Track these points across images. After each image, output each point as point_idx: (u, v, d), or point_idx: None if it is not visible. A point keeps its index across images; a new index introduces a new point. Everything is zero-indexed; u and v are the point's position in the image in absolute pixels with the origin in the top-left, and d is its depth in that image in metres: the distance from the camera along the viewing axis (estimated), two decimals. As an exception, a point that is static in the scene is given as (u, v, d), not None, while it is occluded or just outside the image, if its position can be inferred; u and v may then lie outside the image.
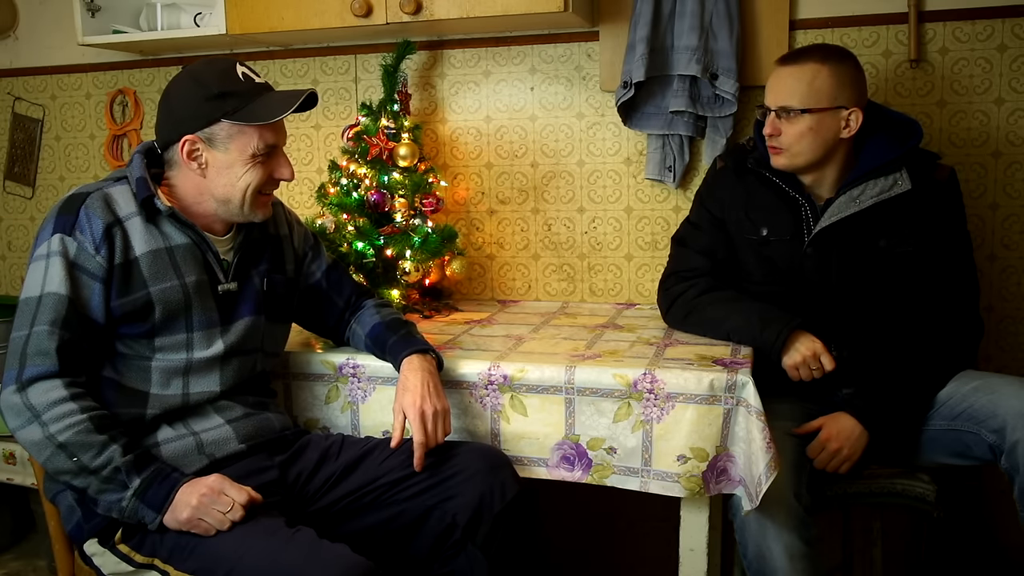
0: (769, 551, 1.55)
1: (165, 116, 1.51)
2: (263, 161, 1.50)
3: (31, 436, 1.33)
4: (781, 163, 1.79)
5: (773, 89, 1.77)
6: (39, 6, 2.78)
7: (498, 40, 2.37)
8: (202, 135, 1.46)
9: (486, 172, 2.43)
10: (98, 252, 1.40)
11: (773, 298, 1.82)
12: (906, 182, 1.75)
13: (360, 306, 1.78)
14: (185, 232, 1.50)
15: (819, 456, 1.72)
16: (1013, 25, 2.05)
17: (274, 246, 1.66)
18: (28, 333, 1.36)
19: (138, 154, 1.51)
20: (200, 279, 1.50)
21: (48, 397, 1.33)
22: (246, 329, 1.57)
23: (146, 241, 1.45)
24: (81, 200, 1.42)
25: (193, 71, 1.50)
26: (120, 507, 1.35)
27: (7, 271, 2.96)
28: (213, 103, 1.45)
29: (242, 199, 1.50)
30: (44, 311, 1.37)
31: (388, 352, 1.66)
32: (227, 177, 1.48)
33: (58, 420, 1.32)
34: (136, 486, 1.34)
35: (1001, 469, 1.63)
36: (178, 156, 1.48)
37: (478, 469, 1.54)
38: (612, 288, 2.39)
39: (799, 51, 1.79)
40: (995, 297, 2.14)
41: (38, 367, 1.35)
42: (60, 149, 2.83)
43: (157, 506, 1.35)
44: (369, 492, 1.56)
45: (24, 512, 2.74)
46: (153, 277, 1.44)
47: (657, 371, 1.60)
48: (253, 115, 1.45)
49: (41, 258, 1.40)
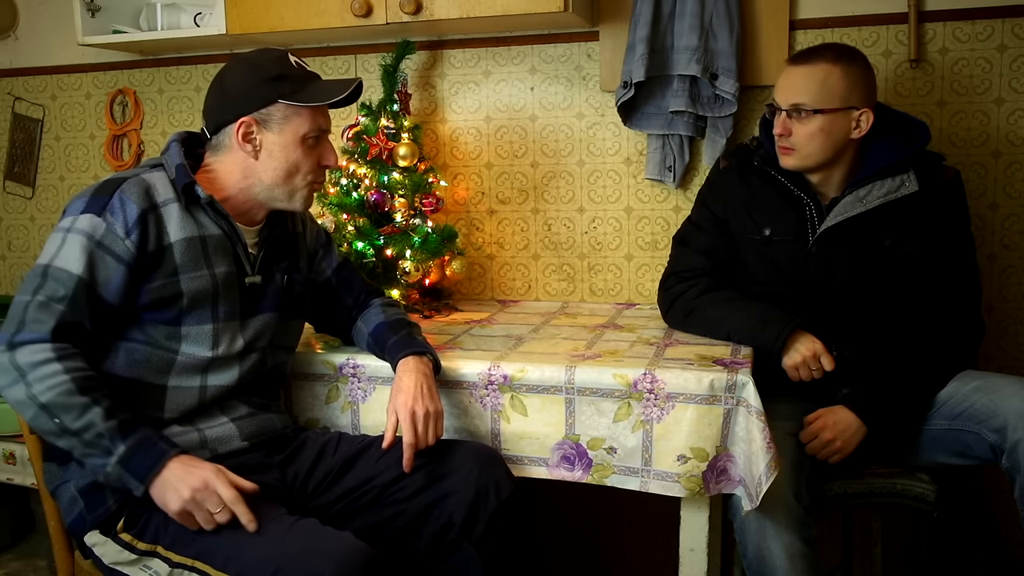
0: (769, 551, 1.55)
1: (219, 99, 1.52)
2: (312, 145, 1.53)
3: (16, 395, 1.33)
4: (791, 163, 1.78)
5: (784, 88, 1.76)
6: (39, 6, 2.78)
7: (498, 40, 2.37)
8: (258, 116, 1.49)
9: (486, 172, 2.43)
10: (128, 236, 1.40)
11: (774, 298, 1.82)
12: (913, 184, 1.75)
13: (367, 304, 1.79)
14: (218, 222, 1.51)
15: (811, 444, 1.73)
16: (1013, 25, 2.05)
17: (292, 244, 1.67)
18: (30, 300, 1.36)
19: (175, 142, 1.53)
20: (229, 270, 1.52)
21: (34, 358, 1.32)
22: (263, 325, 1.58)
23: (181, 228, 1.45)
24: (117, 184, 1.43)
25: (247, 57, 1.54)
26: (105, 472, 1.34)
27: (7, 271, 2.96)
28: (270, 85, 1.48)
29: (291, 184, 1.53)
30: (51, 284, 1.36)
31: (387, 352, 1.66)
32: (278, 160, 1.51)
33: (41, 380, 1.31)
34: (120, 453, 1.32)
35: (1002, 469, 1.63)
36: (231, 139, 1.50)
37: (473, 468, 1.55)
38: (612, 288, 2.39)
39: (811, 50, 1.78)
40: (995, 297, 2.14)
41: (31, 333, 1.34)
42: (60, 149, 2.83)
43: (141, 475, 1.33)
44: (367, 492, 1.56)
45: (24, 512, 2.74)
46: (184, 265, 1.45)
47: (657, 371, 1.60)
48: (308, 97, 1.49)
49: (62, 231, 1.40)
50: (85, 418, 1.32)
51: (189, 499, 1.32)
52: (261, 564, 1.29)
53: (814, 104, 1.72)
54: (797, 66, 1.75)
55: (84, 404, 1.32)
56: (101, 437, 1.32)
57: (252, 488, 1.37)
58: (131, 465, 1.33)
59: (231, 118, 1.49)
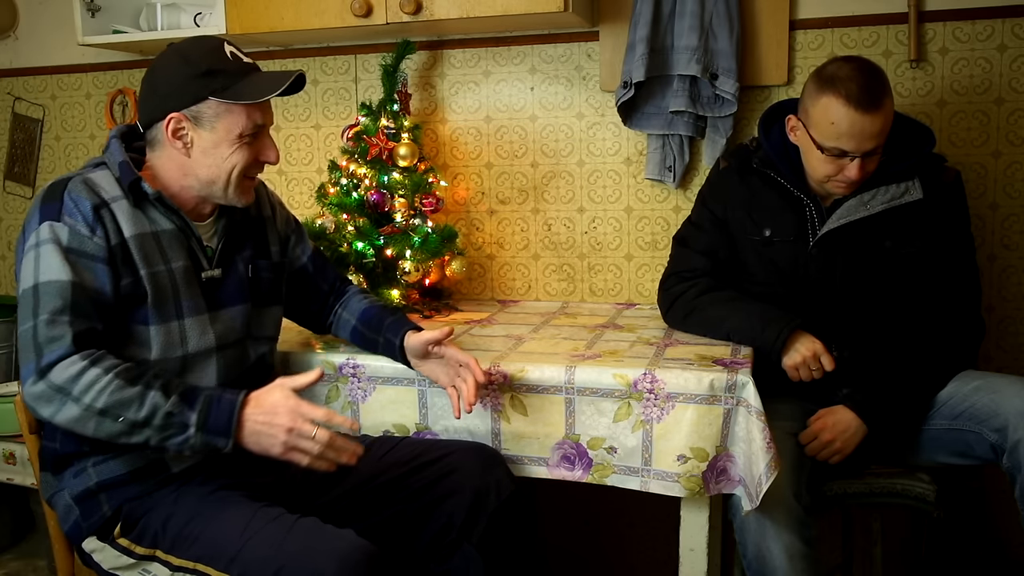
0: (769, 551, 1.55)
1: (149, 92, 1.46)
2: (249, 142, 1.46)
3: (70, 415, 1.29)
4: (847, 192, 1.74)
5: (857, 136, 1.64)
6: (39, 6, 2.78)
7: (498, 40, 2.37)
8: (188, 113, 1.42)
9: (486, 172, 2.43)
10: (94, 233, 1.36)
11: (774, 299, 1.82)
12: (918, 191, 1.74)
13: (344, 291, 1.78)
14: (170, 217, 1.46)
15: (810, 445, 1.73)
16: (1013, 25, 2.05)
17: (258, 228, 1.63)
18: (34, 324, 1.31)
19: (114, 138, 1.47)
20: (185, 265, 1.47)
21: (69, 372, 1.29)
22: (233, 317, 1.54)
23: (133, 224, 1.41)
24: (62, 186, 1.38)
25: (180, 48, 1.45)
26: (189, 446, 1.32)
27: (7, 271, 2.96)
28: (201, 80, 1.41)
29: (227, 181, 1.46)
30: (46, 300, 1.32)
31: (386, 330, 1.65)
32: (212, 157, 1.44)
33: (88, 390, 1.28)
34: (196, 421, 1.31)
35: (1002, 468, 1.63)
36: (162, 135, 1.44)
37: (473, 468, 1.55)
38: (612, 288, 2.39)
39: (872, 90, 1.63)
40: (995, 297, 2.14)
41: (53, 352, 1.30)
42: (60, 149, 2.83)
43: (224, 430, 1.32)
44: (367, 492, 1.56)
45: (24, 512, 2.74)
46: (143, 260, 1.41)
47: (657, 371, 1.60)
48: (241, 94, 1.42)
49: (31, 248, 1.35)
50: (147, 405, 1.30)
51: (286, 440, 1.32)
52: (263, 564, 1.29)
53: (884, 139, 1.67)
54: (869, 114, 1.63)
55: (139, 393, 1.30)
56: (171, 416, 1.31)
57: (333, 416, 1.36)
58: (210, 426, 1.32)
59: (160, 115, 1.43)
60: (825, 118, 1.66)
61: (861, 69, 1.65)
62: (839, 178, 1.71)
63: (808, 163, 1.76)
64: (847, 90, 1.62)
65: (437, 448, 1.58)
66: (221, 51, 1.44)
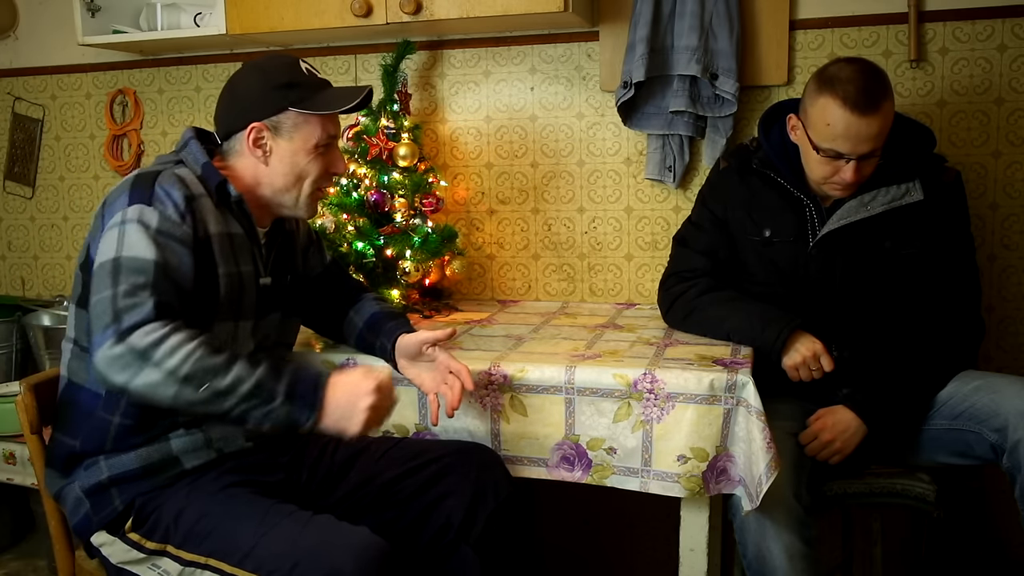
0: (769, 551, 1.55)
1: (230, 104, 1.53)
2: (323, 153, 1.54)
3: (149, 379, 1.27)
4: (844, 194, 1.74)
5: (853, 138, 1.63)
6: (39, 6, 2.78)
7: (498, 40, 2.37)
8: (269, 123, 1.49)
9: (486, 172, 2.43)
10: (184, 221, 1.38)
11: (774, 299, 1.82)
12: (918, 192, 1.74)
13: (359, 298, 1.79)
14: (242, 222, 1.52)
15: (810, 445, 1.73)
16: (1013, 25, 2.05)
17: (289, 240, 1.68)
18: (113, 293, 1.30)
19: (193, 140, 1.52)
20: (249, 270, 1.52)
21: (151, 338, 1.28)
22: (269, 324, 1.59)
23: (215, 223, 1.46)
24: (153, 177, 1.41)
25: (258, 64, 1.54)
26: (272, 418, 1.33)
27: (7, 271, 2.96)
28: (280, 92, 1.49)
29: (299, 191, 1.53)
30: (127, 274, 1.32)
31: (384, 333, 1.67)
32: (289, 166, 1.51)
33: (170, 355, 1.27)
34: (283, 391, 1.33)
35: (1002, 468, 1.63)
36: (241, 144, 1.51)
37: (471, 469, 1.55)
38: (612, 288, 2.39)
39: (870, 94, 1.62)
40: (995, 297, 2.14)
41: (134, 317, 1.29)
42: (60, 149, 2.83)
43: (311, 403, 1.34)
44: (366, 493, 1.56)
45: (24, 512, 2.74)
46: (222, 259, 1.45)
47: (657, 371, 1.59)
48: (318, 105, 1.50)
49: (115, 226, 1.36)
50: (233, 373, 1.30)
51: (369, 417, 1.35)
52: (279, 559, 1.29)
53: (881, 143, 1.66)
54: (866, 117, 1.61)
55: (225, 361, 1.31)
56: (260, 386, 1.31)
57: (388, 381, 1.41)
58: (297, 398, 1.34)
59: (241, 124, 1.50)
60: (822, 119, 1.66)
61: (862, 71, 1.65)
62: (835, 180, 1.71)
63: (806, 163, 1.76)
64: (845, 92, 1.62)
65: (436, 449, 1.58)
66: (297, 66, 1.53)
